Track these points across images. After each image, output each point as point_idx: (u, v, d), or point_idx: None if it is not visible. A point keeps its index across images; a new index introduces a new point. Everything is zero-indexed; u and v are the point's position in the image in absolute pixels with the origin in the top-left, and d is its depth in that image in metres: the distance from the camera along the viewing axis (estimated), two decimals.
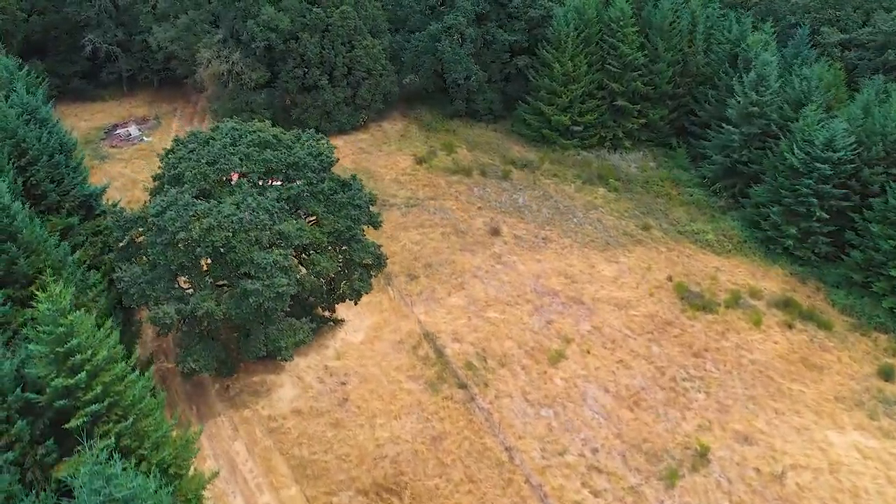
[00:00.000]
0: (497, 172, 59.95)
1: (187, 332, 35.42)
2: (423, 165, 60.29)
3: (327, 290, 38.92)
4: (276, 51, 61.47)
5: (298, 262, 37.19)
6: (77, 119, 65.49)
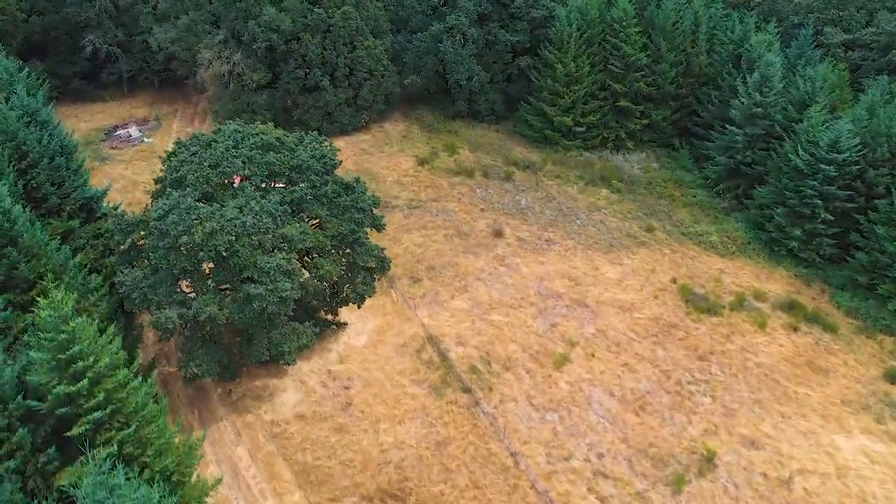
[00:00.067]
0: (499, 174, 59.68)
1: (189, 336, 35.11)
2: (425, 167, 59.99)
3: (330, 294, 38.62)
4: (278, 51, 61.15)
5: (301, 265, 36.89)
6: (77, 120, 65.14)
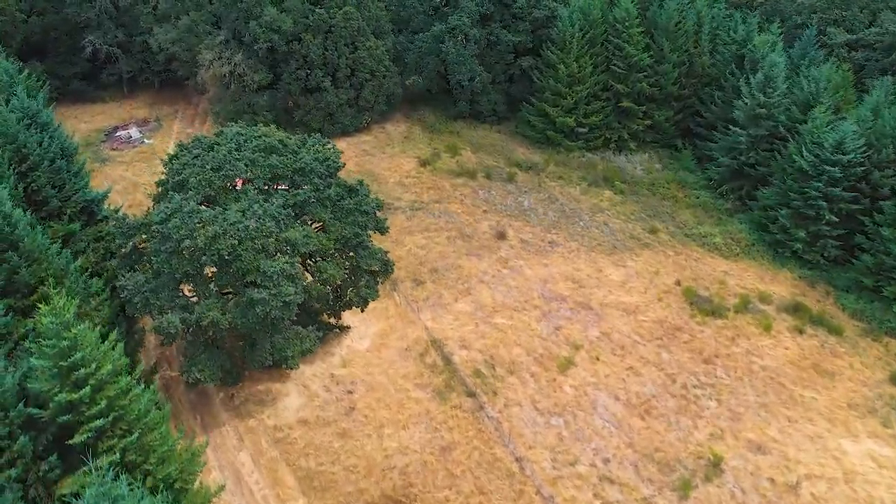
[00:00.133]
0: (502, 175, 59.39)
1: (192, 341, 34.81)
2: (427, 168, 59.71)
3: (333, 298, 38.33)
4: (279, 52, 60.84)
5: (304, 268, 36.60)
6: (77, 121, 64.82)
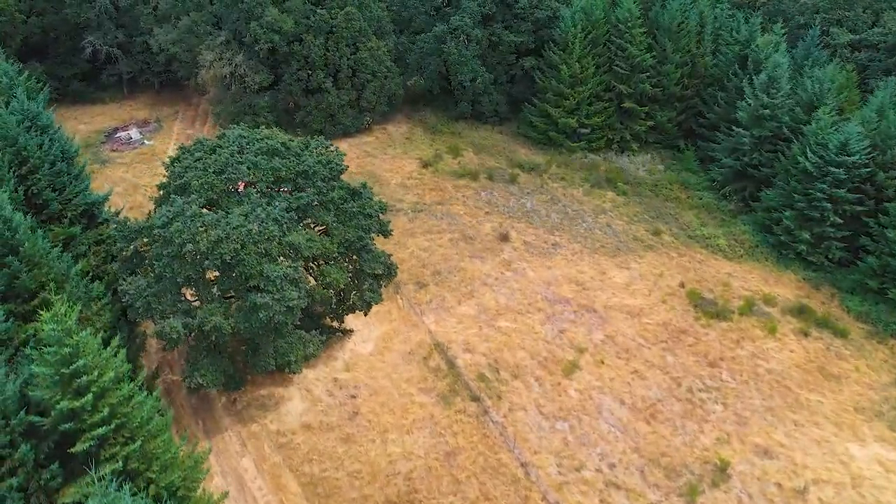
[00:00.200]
0: (504, 176, 59.10)
1: (194, 346, 34.48)
2: (428, 169, 59.41)
3: (337, 301, 38.01)
4: (280, 53, 60.52)
5: (307, 272, 36.28)
6: (77, 122, 64.52)
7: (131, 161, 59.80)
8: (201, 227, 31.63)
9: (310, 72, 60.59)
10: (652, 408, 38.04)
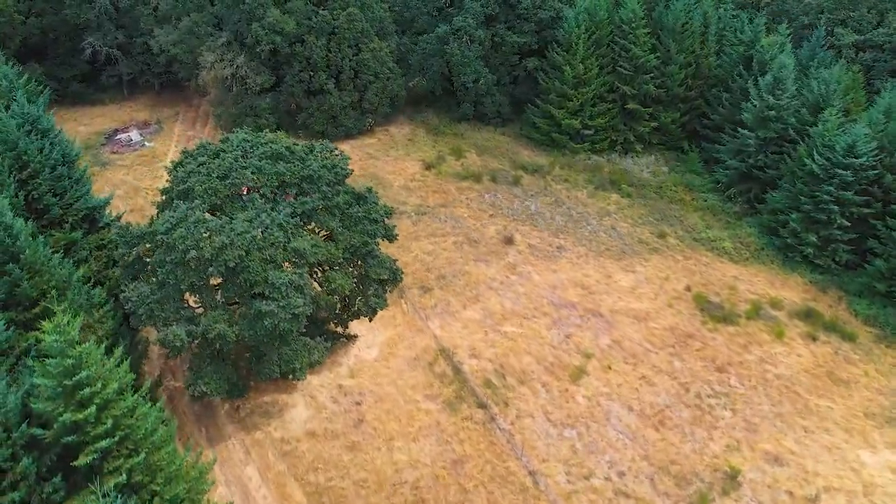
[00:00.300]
0: (507, 178, 58.66)
1: (197, 353, 33.99)
2: (431, 171, 58.95)
3: (341, 307, 37.54)
4: (282, 54, 60.03)
5: (312, 278, 35.80)
6: (76, 124, 64.00)
7: (132, 163, 59.27)
8: (205, 233, 31.17)
9: (312, 73, 60.12)
10: (660, 414, 37.61)
